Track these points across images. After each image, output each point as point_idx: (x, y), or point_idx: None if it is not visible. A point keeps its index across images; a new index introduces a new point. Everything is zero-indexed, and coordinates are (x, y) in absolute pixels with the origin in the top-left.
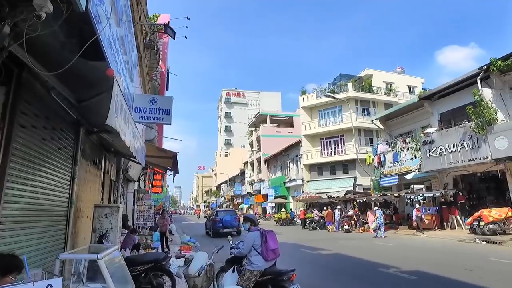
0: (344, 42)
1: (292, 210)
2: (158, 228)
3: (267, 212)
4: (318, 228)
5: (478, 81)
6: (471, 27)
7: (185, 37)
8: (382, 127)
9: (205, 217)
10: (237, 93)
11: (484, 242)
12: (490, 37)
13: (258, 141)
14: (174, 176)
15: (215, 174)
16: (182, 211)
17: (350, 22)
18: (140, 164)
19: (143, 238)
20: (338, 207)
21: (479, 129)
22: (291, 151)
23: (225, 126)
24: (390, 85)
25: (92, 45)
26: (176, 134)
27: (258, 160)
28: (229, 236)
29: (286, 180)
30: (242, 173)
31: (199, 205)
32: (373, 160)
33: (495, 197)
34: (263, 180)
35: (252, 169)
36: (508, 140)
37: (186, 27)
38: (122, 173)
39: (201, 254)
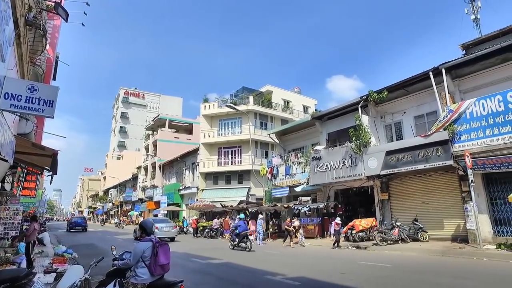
0: (251, 57)
1: (185, 218)
2: (25, 239)
3: None
4: (216, 236)
5: (359, 108)
6: (355, 61)
7: (82, 24)
8: (277, 141)
9: (66, 220)
10: (136, 93)
11: (355, 248)
12: (368, 72)
13: (155, 145)
14: (52, 178)
15: (104, 178)
16: (60, 218)
17: (259, 39)
18: (6, 161)
19: (1, 251)
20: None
21: (357, 150)
22: (188, 158)
23: (120, 127)
24: (288, 102)
25: None
26: (61, 131)
27: (153, 165)
28: (113, 246)
29: (181, 188)
30: (135, 178)
31: (82, 211)
32: (267, 172)
33: (365, 209)
34: (157, 186)
35: (146, 174)
36: (377, 160)
37: (85, 13)
38: None
39: (74, 268)
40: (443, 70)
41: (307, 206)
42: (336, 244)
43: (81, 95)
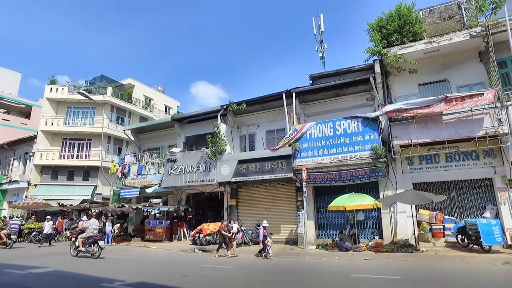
0: (117, 43)
1: (3, 219)
2: None
3: None
4: (46, 240)
5: (219, 116)
6: (221, 70)
7: None
8: (133, 138)
9: None
10: None
11: (201, 251)
12: (232, 83)
13: None
14: None
15: None
16: None
17: (131, 26)
18: None
19: None
20: (110, 217)
21: (212, 156)
22: (21, 146)
23: None
24: (150, 100)
25: None
26: None
27: None
28: None
29: (4, 181)
30: None
31: None
32: (117, 170)
33: (214, 214)
34: None
35: None
36: (230, 168)
37: None
38: None
39: None
40: (294, 94)
41: (157, 208)
42: (262, 252)
43: None
